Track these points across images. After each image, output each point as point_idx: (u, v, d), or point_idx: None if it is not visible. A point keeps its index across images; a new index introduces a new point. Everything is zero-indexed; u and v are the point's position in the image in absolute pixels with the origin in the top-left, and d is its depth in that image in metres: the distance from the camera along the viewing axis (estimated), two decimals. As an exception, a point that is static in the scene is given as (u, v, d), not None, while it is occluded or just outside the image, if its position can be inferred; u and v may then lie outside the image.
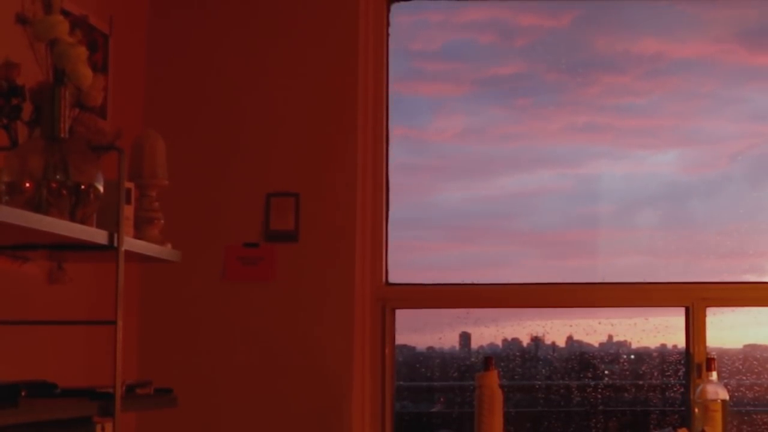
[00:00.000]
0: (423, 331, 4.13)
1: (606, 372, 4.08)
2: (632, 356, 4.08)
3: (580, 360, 4.11)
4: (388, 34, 4.03)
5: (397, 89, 4.05)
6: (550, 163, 4.14)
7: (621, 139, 4.16)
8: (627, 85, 4.15)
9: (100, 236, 2.47)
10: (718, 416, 3.64)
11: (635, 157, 4.15)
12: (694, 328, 3.84)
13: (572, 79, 4.13)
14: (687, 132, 4.15)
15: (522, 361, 4.13)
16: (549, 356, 4.15)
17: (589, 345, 4.11)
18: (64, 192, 2.35)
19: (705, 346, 3.82)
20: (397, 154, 4.03)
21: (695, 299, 3.85)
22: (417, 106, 4.18)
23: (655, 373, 4.03)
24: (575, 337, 4.12)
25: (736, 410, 3.84)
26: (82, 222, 2.39)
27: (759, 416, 3.95)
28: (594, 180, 4.14)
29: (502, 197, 4.14)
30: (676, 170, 4.15)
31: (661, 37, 4.11)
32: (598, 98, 4.14)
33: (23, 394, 2.21)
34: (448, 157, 4.17)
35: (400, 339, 3.99)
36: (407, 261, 4.03)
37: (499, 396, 3.68)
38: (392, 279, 3.97)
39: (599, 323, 4.05)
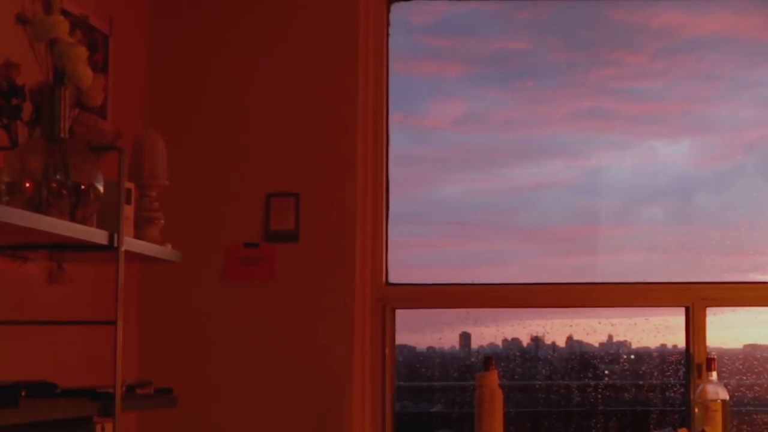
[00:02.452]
0: (423, 331, 4.12)
1: (606, 372, 4.08)
2: (632, 356, 4.07)
3: (580, 360, 4.11)
4: (388, 34, 4.03)
5: (394, 68, 4.00)
6: (554, 153, 4.07)
7: (630, 127, 4.06)
8: (639, 65, 4.03)
9: (100, 236, 2.47)
10: (719, 416, 3.64)
11: (644, 147, 4.08)
12: (694, 328, 3.84)
13: (581, 58, 4.01)
14: (700, 119, 4.04)
15: (522, 361, 4.13)
16: (549, 356, 4.15)
17: (589, 345, 4.10)
18: (64, 192, 2.35)
19: (705, 346, 3.82)
20: (394, 144, 3.99)
21: (695, 299, 3.85)
22: (414, 87, 4.10)
23: (655, 373, 4.03)
24: (575, 337, 4.12)
25: (736, 410, 3.84)
26: (82, 222, 2.39)
27: (759, 416, 3.95)
28: (600, 172, 4.08)
29: (504, 191, 4.09)
30: (687, 162, 4.07)
31: (679, 9, 3.96)
32: (607, 81, 4.03)
33: (23, 394, 2.21)
34: (447, 147, 4.11)
35: (400, 339, 3.99)
36: (405, 258, 4.01)
37: (499, 396, 3.67)
38: (391, 276, 3.97)
39: (599, 323, 4.05)
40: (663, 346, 4.02)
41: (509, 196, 4.10)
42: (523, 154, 4.09)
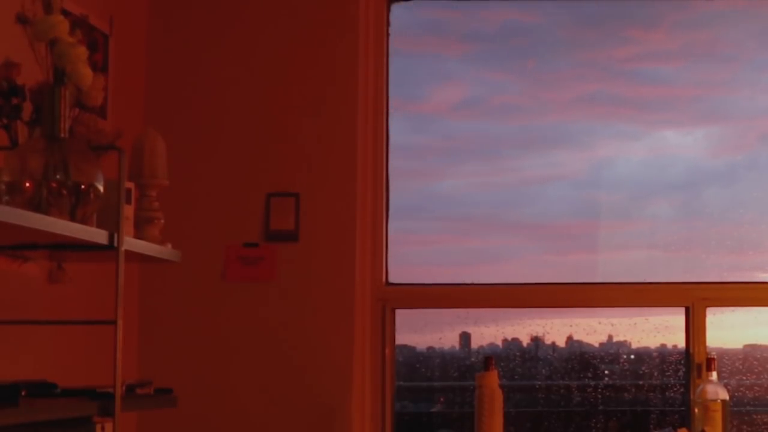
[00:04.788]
0: (423, 331, 4.12)
1: (606, 372, 4.08)
2: (632, 356, 4.07)
3: (580, 360, 4.11)
4: (388, 34, 4.03)
5: (393, 46, 3.96)
6: (559, 143, 4.01)
7: (640, 114, 3.96)
8: (653, 43, 3.90)
9: (100, 236, 2.47)
10: (718, 416, 3.64)
11: (654, 137, 4.01)
12: (694, 328, 3.84)
13: (591, 35, 3.89)
14: (714, 105, 3.94)
15: (522, 361, 4.13)
16: (549, 356, 4.15)
17: (589, 345, 4.10)
18: (64, 192, 2.35)
19: (705, 346, 3.82)
20: (392, 133, 3.96)
21: (695, 299, 3.85)
22: (413, 68, 4.03)
23: (655, 373, 4.03)
24: (575, 337, 4.12)
25: (736, 410, 3.84)
26: (82, 222, 2.39)
27: (759, 416, 3.95)
28: (606, 165, 4.03)
29: (505, 184, 4.03)
30: (698, 153, 3.99)
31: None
32: (619, 62, 3.92)
33: (23, 394, 2.22)
34: (446, 137, 4.04)
35: (400, 339, 3.99)
36: (403, 256, 3.99)
37: (499, 396, 3.67)
38: (390, 274, 3.97)
39: (599, 323, 4.04)
40: (663, 346, 4.02)
41: (510, 189, 4.05)
42: (526, 144, 4.01)
